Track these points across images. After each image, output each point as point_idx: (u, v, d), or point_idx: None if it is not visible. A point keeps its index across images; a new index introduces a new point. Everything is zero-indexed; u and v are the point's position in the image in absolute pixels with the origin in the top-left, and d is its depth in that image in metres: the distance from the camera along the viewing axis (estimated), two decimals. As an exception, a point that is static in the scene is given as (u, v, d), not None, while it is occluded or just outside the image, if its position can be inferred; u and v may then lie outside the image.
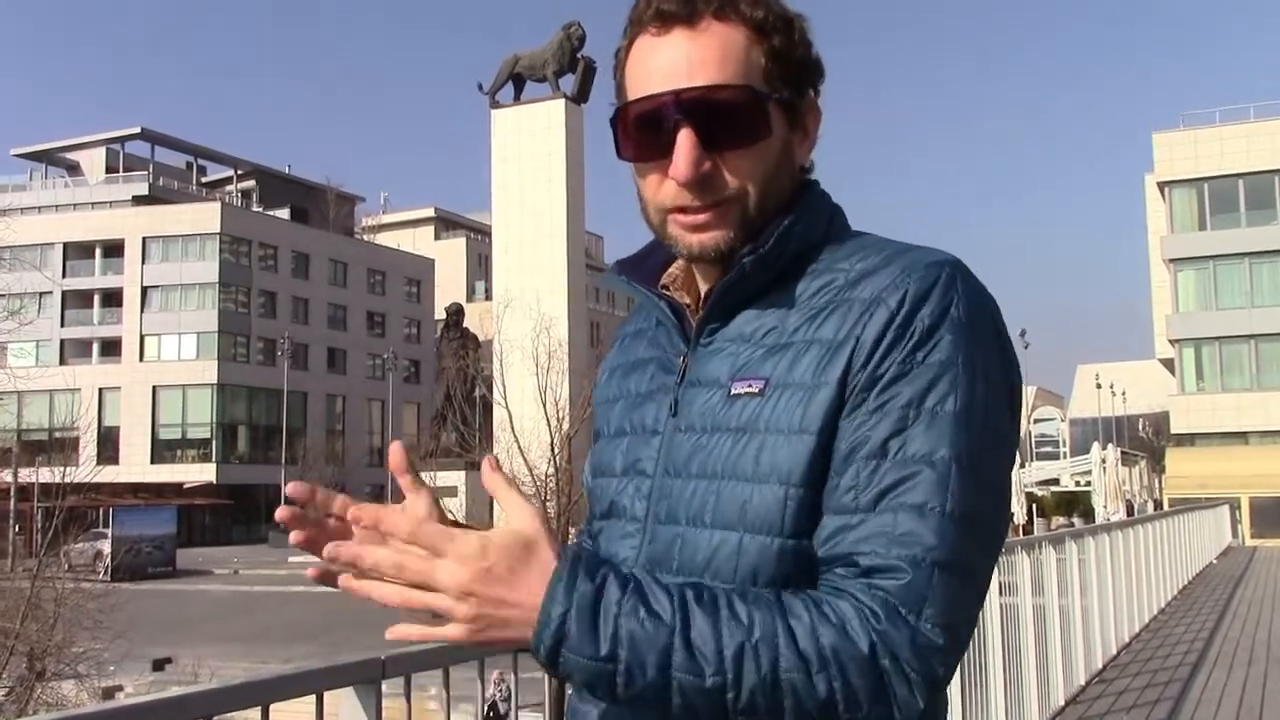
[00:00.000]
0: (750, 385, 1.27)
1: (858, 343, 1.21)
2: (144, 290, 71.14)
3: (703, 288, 1.39)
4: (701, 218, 1.30)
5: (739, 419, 1.26)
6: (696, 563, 1.25)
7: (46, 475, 28.96)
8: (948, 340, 1.20)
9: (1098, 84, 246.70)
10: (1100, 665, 9.64)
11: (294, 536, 1.22)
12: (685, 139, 1.26)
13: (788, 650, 1.09)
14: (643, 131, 1.31)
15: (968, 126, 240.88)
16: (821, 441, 1.21)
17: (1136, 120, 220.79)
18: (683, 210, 1.31)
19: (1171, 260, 51.85)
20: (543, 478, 24.92)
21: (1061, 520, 47.01)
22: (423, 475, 1.32)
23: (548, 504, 24.54)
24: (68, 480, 23.02)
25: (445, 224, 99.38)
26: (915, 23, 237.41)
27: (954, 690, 5.86)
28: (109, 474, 43.45)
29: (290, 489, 1.21)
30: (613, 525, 1.39)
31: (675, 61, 1.28)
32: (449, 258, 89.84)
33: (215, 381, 69.10)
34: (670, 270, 1.45)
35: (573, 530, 23.79)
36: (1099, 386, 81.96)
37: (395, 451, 1.23)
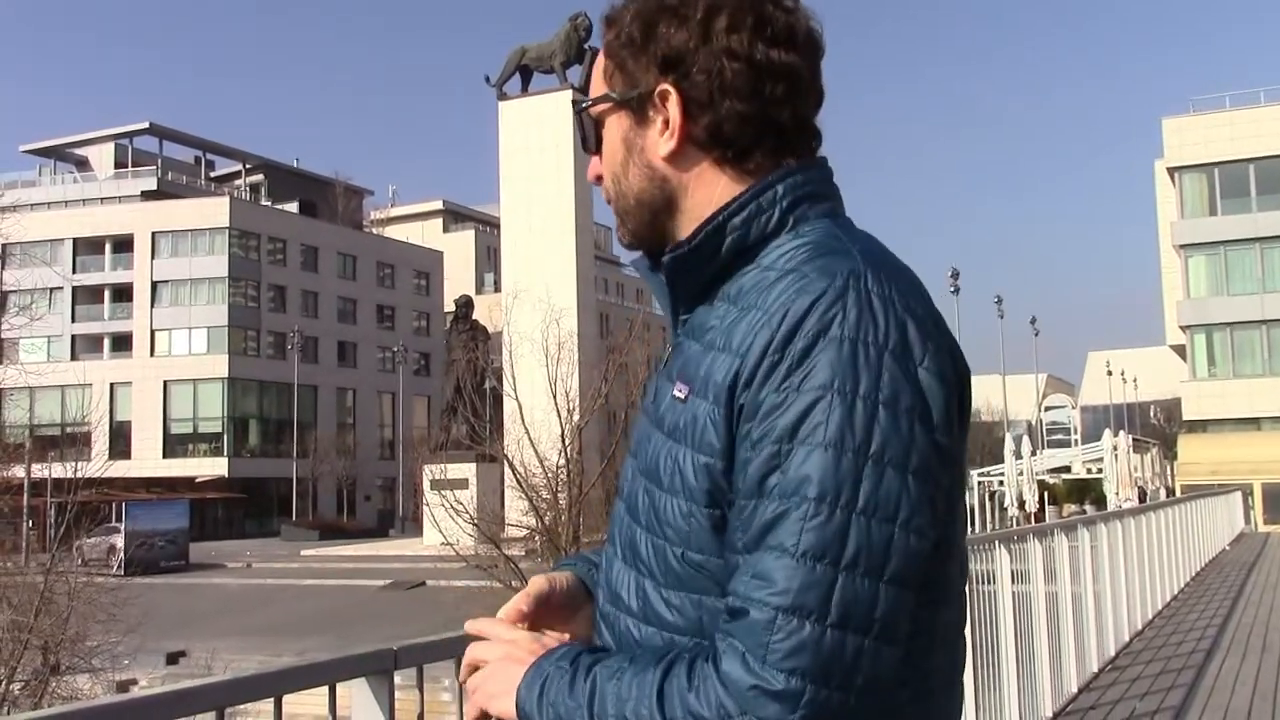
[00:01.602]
0: (680, 389, 1.27)
1: (743, 360, 1.19)
2: (154, 285, 71.26)
3: None
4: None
5: (671, 424, 1.28)
6: (641, 558, 1.29)
7: (59, 470, 29.04)
8: (823, 362, 1.14)
9: (1106, 70, 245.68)
10: (1113, 652, 9.62)
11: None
12: None
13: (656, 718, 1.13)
14: None
15: (976, 113, 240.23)
16: (714, 463, 1.21)
17: (1146, 106, 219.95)
18: None
19: (1182, 246, 51.69)
20: (554, 469, 24.93)
21: (1073, 508, 46.88)
22: (433, 468, 1.42)
23: (559, 495, 24.56)
24: (80, 475, 23.06)
25: (454, 216, 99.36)
26: (922, 8, 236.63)
27: (966, 678, 5.86)
28: (121, 469, 43.58)
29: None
30: (618, 504, 1.41)
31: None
32: (458, 250, 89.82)
33: (226, 376, 69.22)
34: None
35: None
36: (1110, 373, 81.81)
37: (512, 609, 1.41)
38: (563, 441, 25.36)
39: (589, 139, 1.39)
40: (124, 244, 72.15)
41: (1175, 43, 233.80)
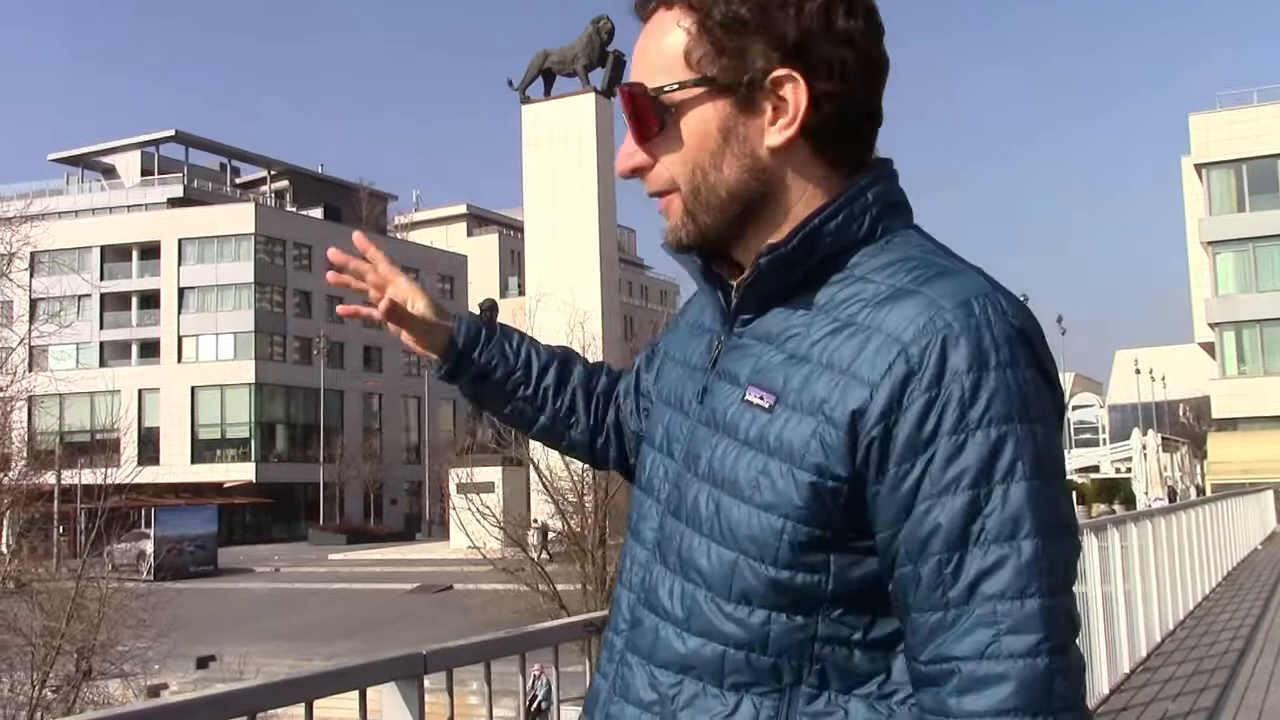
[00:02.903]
0: (762, 397, 1.22)
1: (873, 391, 1.15)
2: (181, 291, 71.78)
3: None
4: (661, 203, 1.32)
5: (748, 431, 1.22)
6: (696, 567, 1.24)
7: (89, 477, 29.29)
8: (998, 395, 1.12)
9: (1132, 66, 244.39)
10: (1145, 653, 9.55)
11: (331, 276, 1.75)
12: (626, 134, 1.31)
13: None
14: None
15: (1001, 110, 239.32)
16: (825, 483, 1.16)
17: (1173, 101, 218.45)
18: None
19: (1210, 243, 51.30)
20: (579, 472, 24.95)
21: (1102, 507, 46.60)
22: (459, 471, 1.40)
23: (585, 499, 24.57)
24: (109, 481, 23.25)
25: (477, 220, 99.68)
26: (948, 6, 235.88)
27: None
28: (150, 474, 43.95)
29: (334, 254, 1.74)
30: (644, 500, 1.37)
31: (634, 58, 1.32)
32: (482, 254, 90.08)
33: (253, 381, 69.64)
34: None
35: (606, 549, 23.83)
36: (1138, 372, 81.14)
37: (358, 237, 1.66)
38: (588, 444, 25.35)
39: (653, 125, 1.27)
40: (151, 251, 72.69)
41: (1204, 38, 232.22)
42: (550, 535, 26.52)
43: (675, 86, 1.25)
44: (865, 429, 1.14)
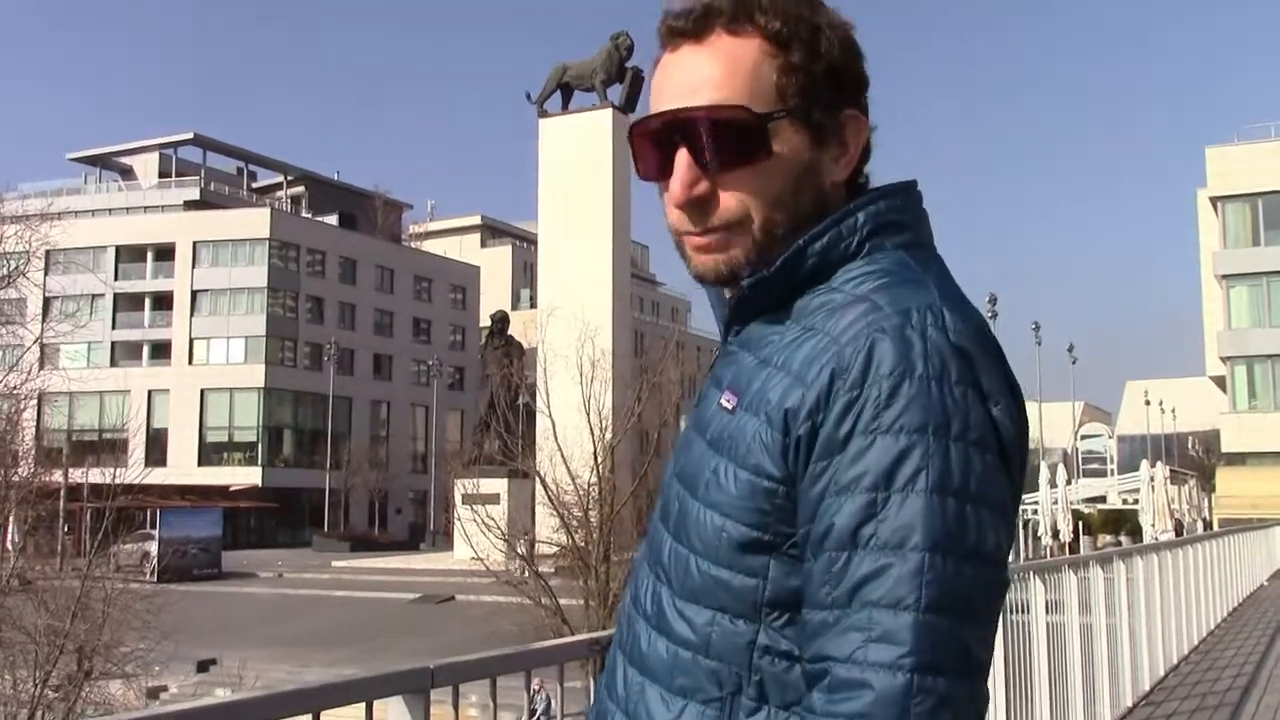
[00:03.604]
0: (730, 400, 1.25)
1: (807, 389, 1.17)
2: (194, 294, 72.02)
3: None
4: (704, 240, 1.30)
5: (711, 430, 1.26)
6: (663, 565, 1.28)
7: (96, 476, 29.37)
8: (913, 404, 1.12)
9: (1148, 97, 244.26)
10: (1148, 687, 9.51)
11: None
12: (680, 161, 1.26)
13: None
14: (650, 151, 1.30)
15: (1015, 139, 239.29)
16: (759, 483, 1.19)
17: (1188, 134, 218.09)
18: (688, 233, 1.31)
19: (1224, 276, 51.19)
20: (585, 487, 24.92)
21: (1108, 539, 46.41)
22: (465, 482, 1.39)
23: (590, 513, 24.53)
24: (117, 481, 23.29)
25: (491, 231, 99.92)
26: (969, 29, 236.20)
27: (999, 710, 5.81)
28: (157, 476, 43.95)
29: None
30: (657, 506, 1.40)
31: (680, 80, 1.28)
32: (495, 265, 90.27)
33: (262, 385, 69.76)
34: None
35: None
36: (1148, 403, 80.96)
37: None
38: (595, 459, 25.33)
39: (752, 152, 1.26)
40: (166, 252, 72.96)
41: (1221, 70, 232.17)
42: (538, 550, 26.48)
43: (782, 114, 1.26)
44: (795, 428, 1.17)
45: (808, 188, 1.29)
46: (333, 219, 79.77)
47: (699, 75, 1.27)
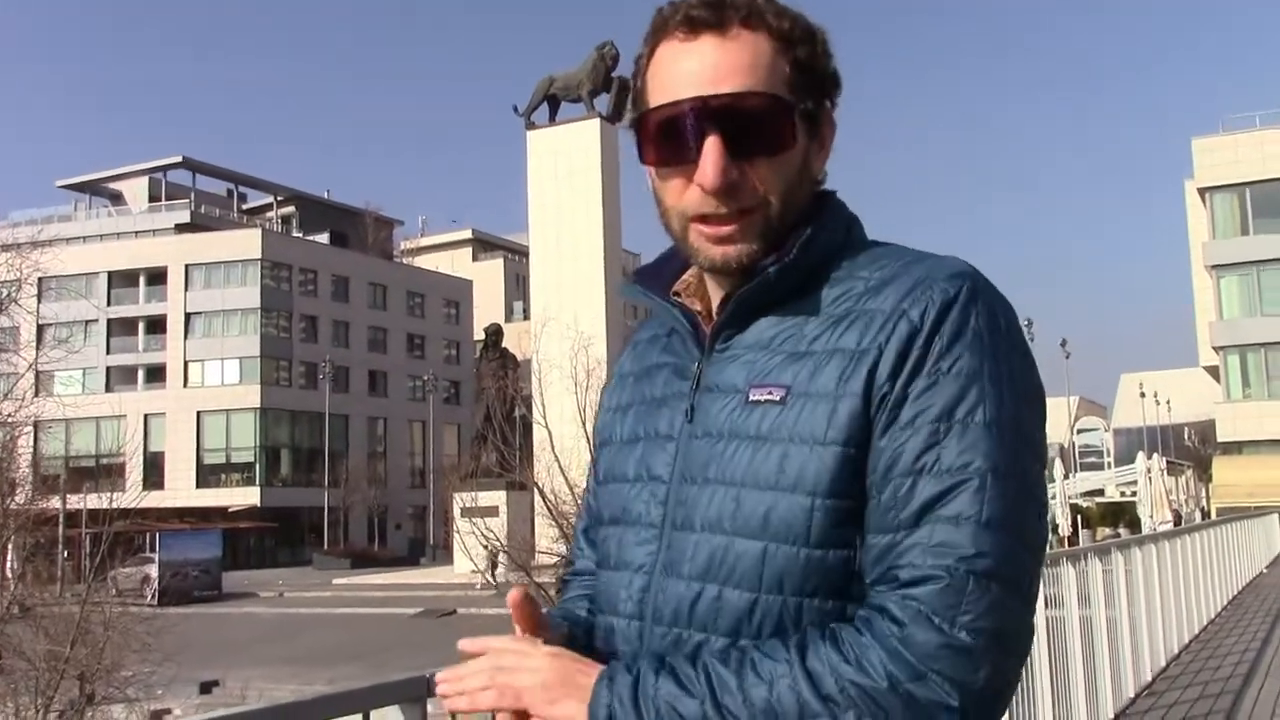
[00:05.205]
0: (770, 393, 1.27)
1: (881, 354, 1.22)
2: (187, 317, 71.99)
3: (714, 295, 1.40)
4: (726, 229, 1.31)
5: (758, 427, 1.27)
6: (716, 569, 1.26)
7: (94, 501, 29.27)
8: (972, 352, 1.20)
9: (1135, 89, 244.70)
10: (1149, 678, 9.53)
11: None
12: (713, 146, 1.27)
13: (811, 698, 1.13)
14: (667, 137, 1.31)
15: (1005, 134, 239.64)
16: (849, 453, 1.21)
17: (1176, 125, 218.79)
18: (705, 220, 1.31)
19: (1213, 266, 51.33)
20: (583, 495, 24.94)
21: (1107, 531, 46.39)
22: (463, 496, 1.39)
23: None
24: (115, 506, 23.23)
25: (483, 245, 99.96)
26: (953, 25, 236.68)
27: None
28: (155, 499, 43.87)
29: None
30: (625, 531, 1.39)
31: (704, 67, 1.29)
32: (487, 279, 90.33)
33: (258, 406, 69.70)
34: (684, 277, 1.46)
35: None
36: (1143, 395, 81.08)
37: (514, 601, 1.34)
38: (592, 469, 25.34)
39: (789, 139, 1.31)
40: (158, 276, 72.95)
41: (1207, 61, 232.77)
42: (500, 563, 26.27)
43: (810, 105, 1.33)
44: (878, 390, 1.22)
45: (805, 181, 1.35)
46: (324, 238, 79.78)
47: (728, 62, 1.29)
